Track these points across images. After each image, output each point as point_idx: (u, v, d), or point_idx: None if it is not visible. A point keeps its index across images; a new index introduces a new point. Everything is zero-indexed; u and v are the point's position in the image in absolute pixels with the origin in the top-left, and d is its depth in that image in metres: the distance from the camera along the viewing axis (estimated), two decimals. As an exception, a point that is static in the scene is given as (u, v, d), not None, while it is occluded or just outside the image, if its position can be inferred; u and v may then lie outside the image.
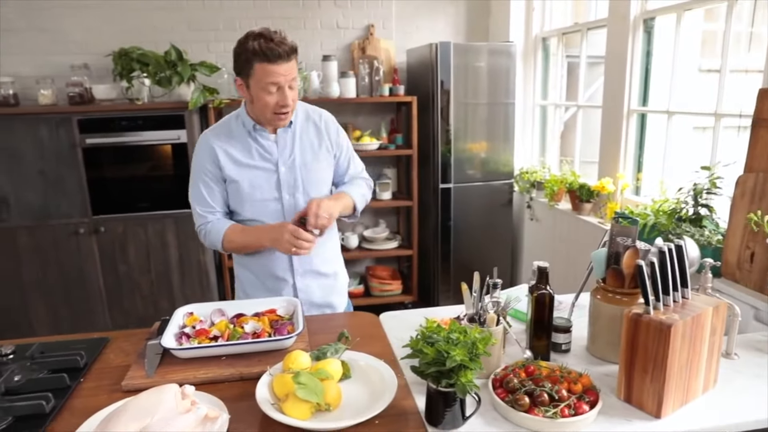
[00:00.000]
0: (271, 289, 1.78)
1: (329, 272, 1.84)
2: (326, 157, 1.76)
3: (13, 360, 1.42)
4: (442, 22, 3.98)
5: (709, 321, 1.19)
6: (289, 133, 1.71)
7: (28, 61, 3.37)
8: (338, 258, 1.91)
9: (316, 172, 1.73)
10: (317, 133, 1.75)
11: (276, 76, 1.52)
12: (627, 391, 1.18)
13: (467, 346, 1.04)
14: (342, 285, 1.91)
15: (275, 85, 1.53)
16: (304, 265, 1.77)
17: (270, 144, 1.69)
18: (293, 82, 1.57)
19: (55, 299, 3.24)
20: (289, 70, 1.53)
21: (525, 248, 3.89)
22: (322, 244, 1.77)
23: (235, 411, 1.17)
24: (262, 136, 1.69)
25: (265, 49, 1.48)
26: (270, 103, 1.57)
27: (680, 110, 2.58)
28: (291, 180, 1.70)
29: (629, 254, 1.31)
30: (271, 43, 1.48)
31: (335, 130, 1.79)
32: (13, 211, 3.09)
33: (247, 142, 1.69)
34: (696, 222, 2.17)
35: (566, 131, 3.74)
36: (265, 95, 1.55)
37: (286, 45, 1.51)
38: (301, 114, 1.74)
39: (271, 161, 1.69)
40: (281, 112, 1.60)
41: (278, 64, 1.50)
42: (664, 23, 2.66)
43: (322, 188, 1.75)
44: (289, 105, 1.58)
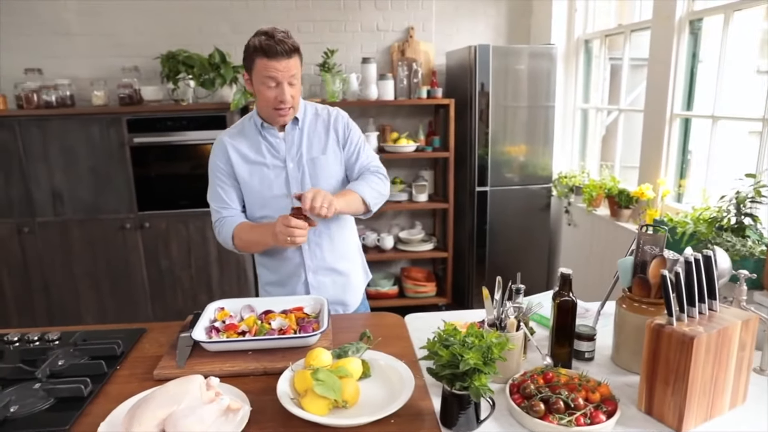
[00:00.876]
0: (286, 286, 1.82)
1: (343, 270, 1.84)
2: (334, 151, 1.77)
3: (59, 346, 1.52)
4: (483, 24, 3.96)
5: (737, 335, 1.15)
6: (296, 130, 1.75)
7: (84, 64, 3.56)
8: (355, 256, 1.91)
9: (324, 167, 1.75)
10: (325, 129, 1.77)
11: (273, 71, 1.57)
12: (648, 402, 1.16)
13: (482, 350, 1.05)
14: (357, 283, 1.91)
15: (273, 80, 1.59)
16: (316, 261, 1.79)
17: (278, 141, 1.73)
18: (293, 79, 1.62)
19: (102, 290, 3.41)
20: (287, 67, 1.58)
21: (562, 254, 3.82)
22: (335, 241, 1.80)
23: (258, 404, 1.21)
24: (271, 133, 1.73)
25: (265, 46, 1.55)
26: (269, 98, 1.62)
27: (726, 115, 2.48)
28: (299, 176, 1.73)
29: (656, 263, 1.29)
30: (271, 41, 1.55)
31: (344, 124, 1.80)
32: (67, 206, 3.28)
33: (257, 140, 1.74)
34: (738, 231, 2.09)
35: (609, 135, 3.65)
36: (264, 90, 1.61)
37: (286, 44, 1.57)
38: (310, 112, 1.79)
39: (279, 158, 1.73)
40: (280, 108, 1.64)
41: (276, 60, 1.56)
42: (713, 24, 2.57)
43: (331, 183, 1.76)
44: (287, 101, 1.62)
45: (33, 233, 3.28)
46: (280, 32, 1.58)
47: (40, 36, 3.52)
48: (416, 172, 3.99)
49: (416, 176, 3.95)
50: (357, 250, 1.94)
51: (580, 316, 1.65)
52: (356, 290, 1.91)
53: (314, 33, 3.75)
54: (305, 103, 1.80)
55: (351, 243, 1.90)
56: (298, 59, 1.62)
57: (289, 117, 1.69)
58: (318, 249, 1.79)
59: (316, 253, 1.78)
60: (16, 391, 1.27)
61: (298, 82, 1.65)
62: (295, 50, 1.60)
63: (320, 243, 1.79)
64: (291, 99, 1.63)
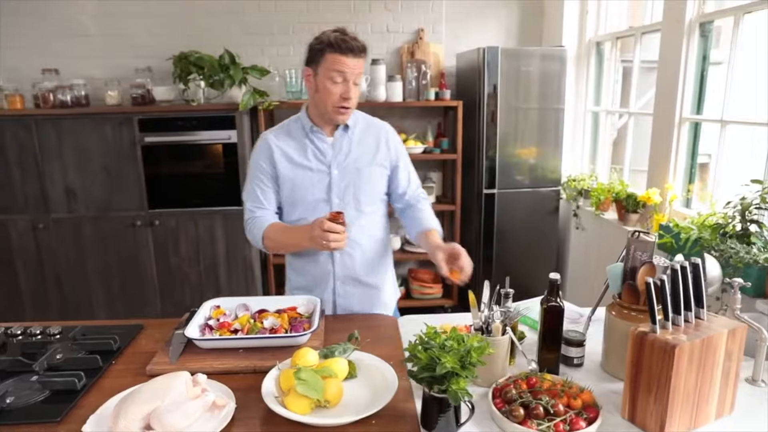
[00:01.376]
0: (313, 291, 1.81)
1: (372, 283, 1.82)
2: (381, 167, 1.76)
3: (59, 340, 1.57)
4: (494, 26, 3.95)
5: (723, 344, 1.14)
6: (346, 137, 1.73)
7: (100, 65, 3.64)
8: (386, 272, 1.89)
9: (369, 180, 1.73)
10: (375, 143, 1.76)
11: (343, 66, 1.57)
12: (631, 410, 1.16)
13: (459, 353, 1.05)
14: (386, 299, 1.88)
15: (341, 74, 1.58)
16: (345, 271, 1.78)
17: (326, 146, 1.72)
18: (358, 79, 1.62)
19: (113, 285, 3.49)
20: (356, 66, 1.59)
21: (570, 257, 3.79)
22: (367, 253, 1.79)
23: (244, 401, 1.24)
24: (319, 138, 1.72)
25: (339, 41, 1.56)
26: (334, 93, 1.61)
27: (734, 119, 2.44)
28: (342, 184, 1.71)
29: (644, 270, 1.28)
30: (345, 37, 1.57)
31: (395, 143, 1.80)
32: (80, 203, 3.35)
33: (304, 143, 1.72)
34: (743, 238, 2.05)
35: (620, 138, 3.61)
36: (330, 85, 1.60)
37: (359, 42, 1.59)
38: (362, 122, 1.78)
39: (324, 163, 1.71)
40: (342, 105, 1.62)
41: (347, 56, 1.57)
42: (727, 27, 2.52)
43: (372, 197, 1.76)
44: (351, 99, 1.62)
45: (47, 229, 3.37)
46: (350, 32, 1.60)
47: (59, 37, 3.60)
48: (424, 174, 3.99)
49: (424, 178, 3.95)
50: (389, 266, 1.92)
51: (574, 321, 1.65)
52: (385, 306, 1.87)
53: (324, 34, 3.77)
54: (357, 112, 1.78)
55: (384, 258, 1.87)
56: (364, 60, 1.63)
57: (347, 117, 1.68)
58: (349, 259, 1.77)
59: (346, 263, 1.77)
60: (13, 383, 1.32)
61: (360, 83, 1.67)
62: (365, 50, 1.61)
63: (352, 254, 1.76)
64: (354, 99, 1.63)
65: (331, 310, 1.82)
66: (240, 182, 3.39)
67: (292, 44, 3.77)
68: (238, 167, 3.36)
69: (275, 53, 3.77)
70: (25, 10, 3.55)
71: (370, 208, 1.77)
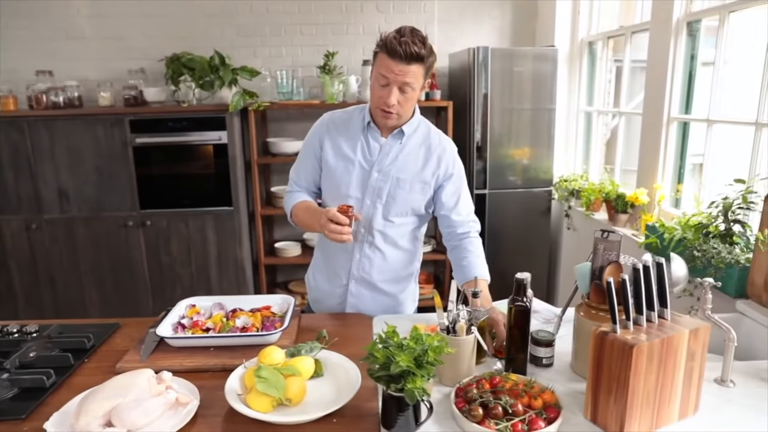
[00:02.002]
0: (330, 281, 1.82)
1: (388, 291, 1.80)
2: (424, 182, 1.70)
3: (35, 338, 1.57)
4: (488, 26, 3.94)
5: (685, 344, 1.13)
6: (398, 143, 1.68)
7: (93, 66, 3.66)
8: (406, 284, 1.85)
9: (406, 192, 1.68)
10: (426, 157, 1.70)
11: (386, 71, 1.51)
12: (593, 410, 1.15)
13: (415, 352, 1.05)
14: (402, 310, 1.85)
15: (385, 79, 1.53)
16: (361, 273, 1.76)
17: (376, 146, 1.68)
18: (406, 86, 1.54)
19: (105, 285, 3.51)
20: (402, 72, 1.50)
21: (563, 258, 3.78)
22: (389, 260, 1.76)
23: (210, 399, 1.24)
24: (373, 135, 1.69)
25: (390, 42, 1.50)
26: (376, 95, 1.58)
27: (721, 119, 2.43)
28: (378, 188, 1.68)
29: (610, 269, 1.27)
30: (399, 38, 1.49)
31: (449, 163, 1.72)
32: (72, 203, 3.38)
33: (358, 136, 1.70)
34: (725, 238, 2.04)
35: (613, 138, 3.59)
36: (376, 87, 1.57)
37: (410, 47, 1.48)
38: (421, 132, 1.72)
39: (369, 162, 1.68)
40: (384, 109, 1.58)
41: (394, 60, 1.49)
42: (711, 26, 2.51)
43: (404, 209, 1.71)
44: (392, 105, 1.56)
45: (40, 229, 3.39)
46: (412, 35, 1.50)
47: (54, 39, 3.63)
48: (418, 174, 3.99)
49: (417, 178, 3.95)
50: (412, 279, 1.88)
51: (549, 322, 1.65)
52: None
53: (316, 35, 3.79)
54: (421, 120, 1.73)
55: (407, 271, 1.83)
56: (419, 68, 1.52)
57: (391, 122, 1.62)
58: (367, 262, 1.75)
59: (364, 265, 1.75)
60: (-16, 380, 1.33)
61: (413, 91, 1.56)
62: (416, 58, 1.50)
63: (371, 257, 1.75)
64: (397, 105, 1.56)
65: (340, 305, 1.82)
66: (230, 183, 3.41)
67: (284, 45, 3.78)
68: (229, 168, 3.37)
69: (267, 54, 3.78)
70: (21, 11, 3.58)
71: (400, 219, 1.72)
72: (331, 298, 1.83)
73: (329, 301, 1.84)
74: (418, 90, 1.59)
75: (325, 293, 1.85)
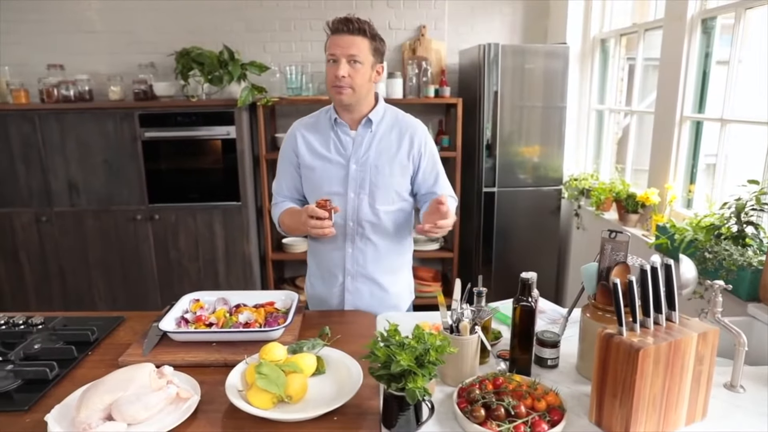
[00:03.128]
0: (326, 282, 1.83)
1: (383, 283, 1.81)
2: (402, 165, 1.72)
3: (40, 330, 1.58)
4: (498, 23, 3.90)
5: (693, 348, 1.10)
6: (368, 133, 1.71)
7: (104, 60, 3.68)
8: (401, 273, 1.87)
9: (386, 177, 1.71)
10: (399, 140, 1.72)
11: (334, 48, 1.57)
12: (598, 414, 1.13)
13: (416, 352, 1.04)
14: (399, 303, 1.87)
15: (332, 55, 1.58)
16: (356, 267, 1.78)
17: (347, 140, 1.71)
18: (353, 60, 1.57)
19: (114, 278, 3.53)
20: (348, 44, 1.56)
21: (572, 258, 3.74)
22: (381, 252, 1.77)
23: (211, 394, 1.24)
24: (343, 131, 1.72)
25: (333, 22, 1.59)
26: (328, 76, 1.61)
27: (734, 118, 2.38)
28: (359, 179, 1.70)
29: (617, 270, 1.25)
30: (341, 18, 1.58)
31: (422, 141, 1.74)
32: (82, 197, 3.40)
33: (328, 134, 1.73)
34: (738, 240, 2.00)
35: (625, 137, 3.54)
36: (328, 67, 1.61)
37: (354, 23, 1.57)
38: (388, 118, 1.74)
39: (344, 156, 1.71)
40: (336, 84, 1.59)
41: (338, 35, 1.57)
42: (726, 23, 2.46)
43: (389, 195, 1.73)
44: (339, 77, 1.57)
45: (50, 222, 3.42)
46: (355, 17, 1.59)
47: (65, 33, 3.65)
48: (426, 172, 3.96)
49: (426, 175, 3.93)
50: (406, 269, 1.90)
51: (555, 322, 1.63)
52: (396, 308, 1.86)
53: (327, 31, 3.77)
54: (386, 107, 1.75)
55: (400, 260, 1.86)
56: (365, 41, 1.58)
57: (346, 98, 1.62)
58: (360, 255, 1.77)
59: (357, 259, 1.77)
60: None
61: (364, 66, 1.59)
62: (361, 31, 1.57)
63: (364, 250, 1.76)
64: (348, 78, 1.58)
65: (340, 305, 1.82)
66: (238, 178, 3.41)
67: (294, 41, 3.77)
68: (237, 163, 3.37)
69: (277, 50, 3.78)
70: (33, 6, 3.60)
71: (387, 207, 1.74)
72: (329, 299, 1.84)
73: (328, 303, 1.85)
74: (368, 66, 1.61)
75: (324, 296, 1.85)
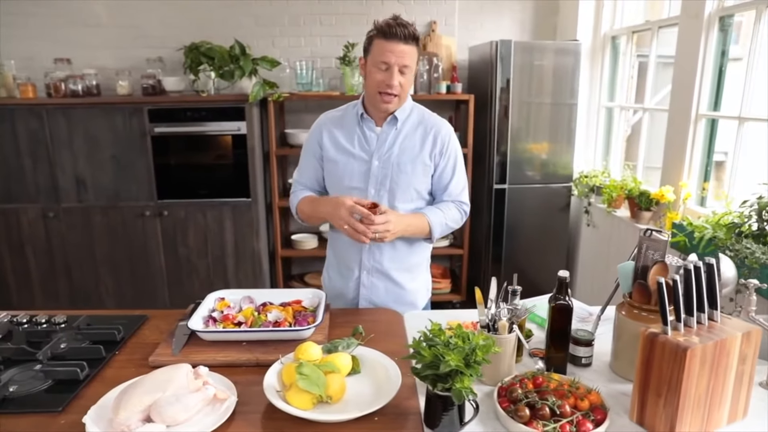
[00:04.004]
0: (343, 276, 1.82)
1: (400, 281, 1.80)
2: (425, 164, 1.72)
3: (64, 329, 1.56)
4: (508, 19, 3.89)
5: (737, 347, 1.10)
6: (393, 130, 1.71)
7: (111, 55, 3.64)
8: (418, 272, 1.86)
9: (408, 176, 1.70)
10: (423, 138, 1.71)
11: (387, 55, 1.55)
12: (640, 413, 1.13)
13: (464, 352, 1.03)
14: (414, 300, 1.84)
15: (385, 63, 1.56)
16: (372, 262, 1.77)
17: (372, 136, 1.71)
18: (405, 68, 1.58)
19: (121, 275, 3.50)
20: (402, 53, 1.56)
21: (581, 255, 3.75)
22: (398, 249, 1.77)
23: (246, 395, 1.22)
24: (368, 126, 1.72)
25: (385, 26, 1.56)
26: (377, 80, 1.59)
27: (753, 116, 2.38)
28: (381, 176, 1.70)
29: (656, 269, 1.25)
30: (392, 22, 1.56)
31: (446, 141, 1.73)
32: (89, 192, 3.37)
33: (354, 129, 1.73)
34: (759, 238, 2.00)
35: (634, 135, 3.55)
36: (375, 72, 1.59)
37: (407, 29, 1.56)
38: (414, 117, 1.74)
39: (368, 152, 1.71)
40: (385, 92, 1.60)
41: (392, 42, 1.55)
42: (748, 22, 2.46)
43: (409, 193, 1.72)
44: (394, 87, 1.58)
45: (57, 218, 3.39)
46: (404, 20, 1.58)
47: (72, 27, 3.61)
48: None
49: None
50: (423, 267, 1.88)
51: (583, 320, 1.62)
52: (413, 306, 1.84)
53: (336, 26, 3.75)
54: (413, 105, 1.75)
55: (417, 258, 1.84)
56: (414, 49, 1.59)
57: (392, 105, 1.64)
58: (377, 251, 1.76)
59: (374, 254, 1.76)
60: (17, 371, 1.32)
61: (410, 74, 1.62)
62: (413, 38, 1.58)
63: (381, 246, 1.75)
64: (398, 87, 1.59)
65: (355, 299, 1.81)
66: (249, 174, 3.38)
67: (303, 36, 3.75)
68: (247, 159, 3.35)
69: (286, 45, 3.75)
70: (41, 0, 3.56)
71: (406, 205, 1.73)
72: (345, 293, 1.83)
73: (344, 297, 1.84)
74: (414, 73, 1.63)
75: (340, 289, 1.85)
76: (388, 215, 1.58)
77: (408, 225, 1.66)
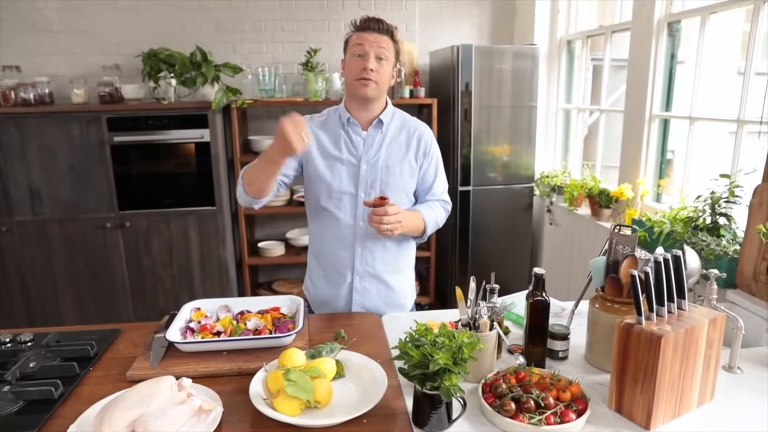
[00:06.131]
0: (333, 283, 1.81)
1: (391, 283, 1.82)
2: (411, 166, 1.76)
3: (31, 347, 1.50)
4: (467, 24, 3.98)
5: (705, 334, 1.17)
6: (379, 133, 1.73)
7: (64, 62, 3.52)
8: (406, 274, 1.89)
9: (396, 177, 1.73)
10: (407, 141, 1.76)
11: (362, 41, 1.61)
12: (618, 401, 1.18)
13: (452, 350, 1.05)
14: (402, 301, 1.87)
15: (361, 48, 1.61)
16: (365, 266, 1.78)
17: (359, 140, 1.73)
18: (382, 53, 1.62)
19: (82, 290, 3.38)
20: (377, 40, 1.61)
21: (544, 253, 3.85)
22: (389, 251, 1.78)
23: (231, 404, 1.21)
24: (354, 130, 1.73)
25: (360, 21, 1.65)
26: (353, 68, 1.62)
27: (702, 116, 2.52)
28: (370, 179, 1.72)
29: (627, 263, 1.30)
30: (367, 17, 1.65)
31: (428, 143, 1.79)
32: (45, 205, 3.23)
33: (339, 134, 1.73)
34: (713, 231, 2.12)
35: (591, 135, 3.68)
36: (352, 61, 1.63)
37: (382, 23, 1.64)
38: (397, 120, 1.77)
39: (355, 156, 1.72)
40: (362, 77, 1.61)
41: (366, 32, 1.62)
42: (692, 26, 2.60)
43: (399, 195, 1.74)
44: (370, 70, 1.60)
45: (10, 232, 3.23)
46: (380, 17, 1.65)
47: (21, 33, 3.46)
48: (400, 172, 3.99)
49: (400, 176, 3.95)
50: (410, 268, 1.91)
51: (556, 315, 1.67)
52: (402, 307, 1.86)
53: (297, 32, 3.74)
54: (395, 110, 1.79)
55: (406, 260, 1.87)
56: (390, 41, 1.64)
57: (370, 90, 1.64)
58: (370, 255, 1.77)
59: (366, 259, 1.77)
60: (-16, 394, 1.26)
61: (388, 66, 1.65)
62: (388, 31, 1.64)
63: (373, 249, 1.76)
64: (375, 73, 1.61)
65: (347, 305, 1.81)
66: (213, 182, 3.33)
67: (265, 42, 3.72)
68: (211, 166, 3.29)
69: (247, 51, 3.71)
70: (-16, 4, 3.40)
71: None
72: (336, 300, 1.82)
73: (335, 304, 1.83)
74: (391, 65, 1.66)
75: (330, 296, 1.84)
76: (398, 207, 1.60)
77: (410, 220, 1.69)
